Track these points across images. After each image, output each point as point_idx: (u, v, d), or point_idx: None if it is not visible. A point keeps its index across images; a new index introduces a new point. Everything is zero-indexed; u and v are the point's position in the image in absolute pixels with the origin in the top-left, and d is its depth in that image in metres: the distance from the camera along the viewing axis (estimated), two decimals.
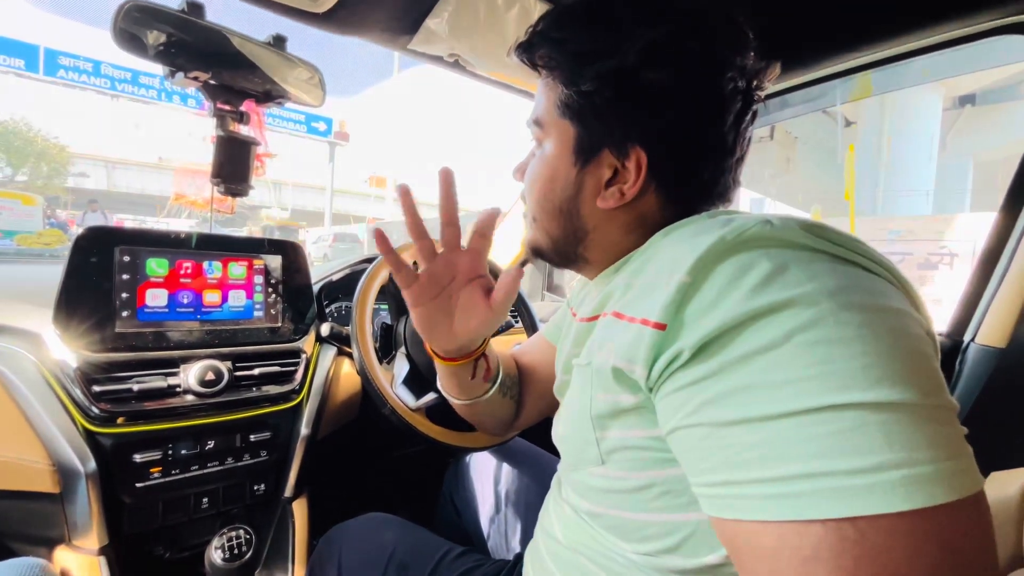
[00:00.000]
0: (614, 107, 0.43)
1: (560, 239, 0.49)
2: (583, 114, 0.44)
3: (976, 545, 0.25)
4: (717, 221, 0.36)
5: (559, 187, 0.47)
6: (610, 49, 0.42)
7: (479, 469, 0.88)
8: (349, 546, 0.68)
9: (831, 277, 0.29)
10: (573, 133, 0.45)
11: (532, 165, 0.49)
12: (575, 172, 0.46)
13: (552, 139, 0.47)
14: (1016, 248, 0.69)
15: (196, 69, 0.66)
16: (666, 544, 0.38)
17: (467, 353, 0.59)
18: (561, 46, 0.44)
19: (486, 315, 0.53)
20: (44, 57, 11.68)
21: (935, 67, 4.24)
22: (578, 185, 0.46)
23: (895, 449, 0.24)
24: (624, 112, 0.43)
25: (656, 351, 0.32)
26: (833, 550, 0.24)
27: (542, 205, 0.48)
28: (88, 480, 0.62)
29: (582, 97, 0.43)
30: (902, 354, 0.27)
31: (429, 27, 0.72)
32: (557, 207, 0.47)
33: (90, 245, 0.69)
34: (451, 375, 0.62)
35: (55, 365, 0.66)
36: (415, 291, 0.53)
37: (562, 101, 0.45)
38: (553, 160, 0.46)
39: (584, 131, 0.45)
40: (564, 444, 0.47)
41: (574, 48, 0.44)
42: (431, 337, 0.56)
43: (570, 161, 0.46)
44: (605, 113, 0.43)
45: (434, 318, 0.54)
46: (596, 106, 0.43)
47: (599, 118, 0.43)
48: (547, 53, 0.45)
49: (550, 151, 0.47)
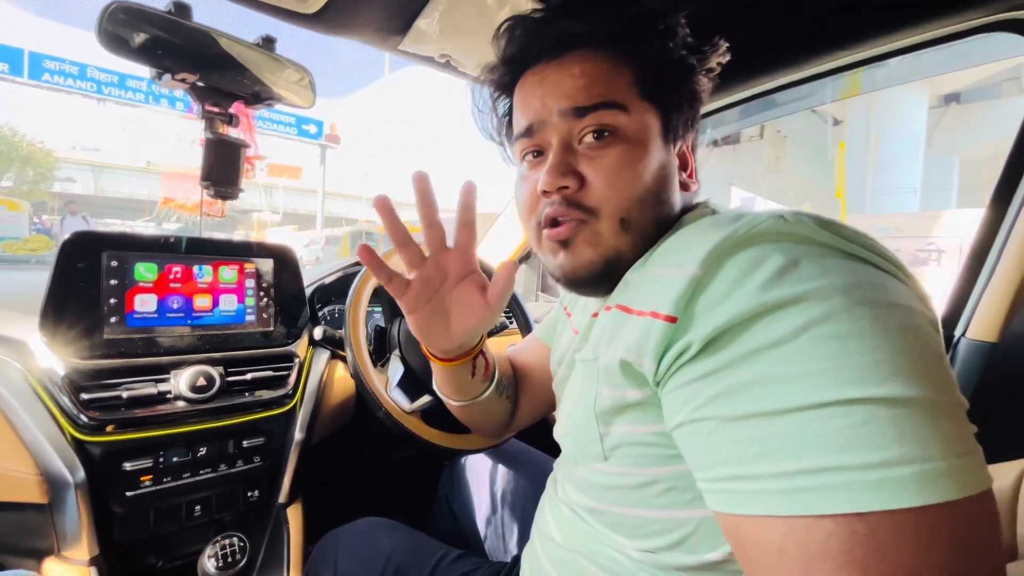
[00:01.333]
0: (687, 84, 0.45)
1: (652, 236, 0.43)
2: (661, 92, 0.44)
3: (984, 541, 0.25)
4: (728, 216, 0.36)
5: (655, 173, 0.43)
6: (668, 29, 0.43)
7: (475, 471, 0.88)
8: (345, 551, 0.67)
9: (843, 273, 0.29)
10: (656, 113, 0.44)
11: (611, 156, 0.42)
12: (665, 155, 0.44)
13: (637, 119, 0.43)
14: (1005, 243, 0.69)
15: (183, 71, 0.65)
16: (668, 540, 0.38)
17: (465, 352, 0.58)
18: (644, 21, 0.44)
19: (483, 311, 0.52)
20: (29, 61, 11.52)
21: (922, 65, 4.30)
22: (672, 168, 0.45)
23: (906, 445, 0.24)
24: (689, 93, 0.45)
25: (666, 344, 0.32)
26: (843, 545, 0.24)
27: (640, 199, 0.42)
28: (77, 490, 0.61)
29: (664, 71, 0.44)
30: (914, 350, 0.27)
31: (420, 28, 0.71)
32: (654, 196, 0.43)
33: (77, 250, 0.68)
34: (450, 376, 0.61)
35: (42, 373, 0.65)
36: (409, 298, 0.51)
37: (641, 78, 0.43)
38: (643, 144, 0.43)
39: (664, 111, 0.44)
40: (566, 440, 0.47)
41: (653, 23, 0.44)
42: (428, 340, 0.55)
43: (660, 144, 0.44)
44: (679, 91, 0.44)
45: (431, 321, 0.53)
46: (674, 81, 0.44)
47: (675, 96, 0.44)
48: (623, 27, 0.43)
49: (638, 132, 0.43)
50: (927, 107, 7.75)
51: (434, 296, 0.52)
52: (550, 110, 0.44)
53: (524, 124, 0.46)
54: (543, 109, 0.44)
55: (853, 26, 0.67)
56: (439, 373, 0.62)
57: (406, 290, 0.50)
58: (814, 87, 0.84)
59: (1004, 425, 0.64)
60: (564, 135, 0.44)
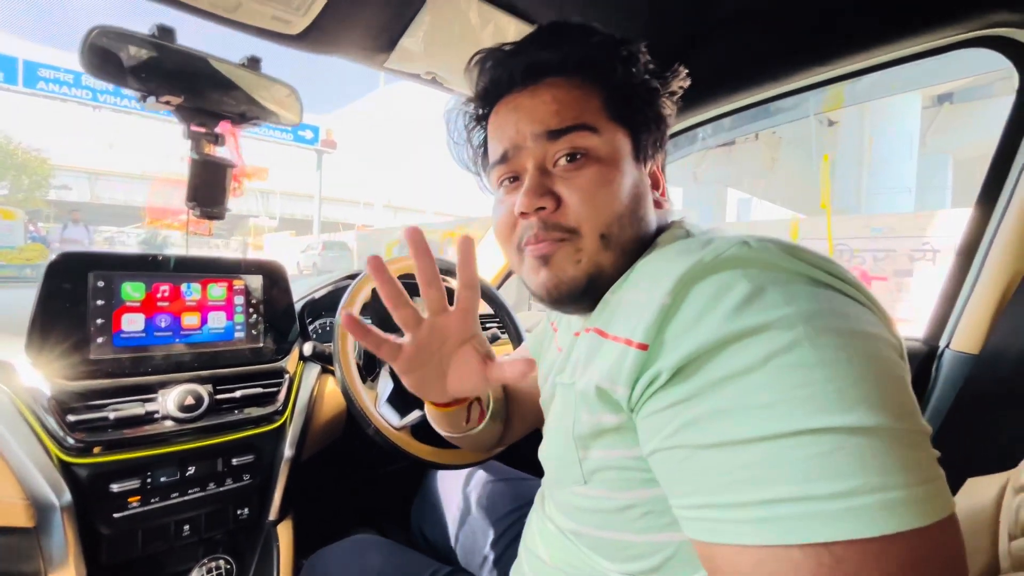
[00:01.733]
0: (651, 107, 0.46)
1: (632, 253, 0.43)
2: (628, 114, 0.45)
3: (949, 567, 0.25)
4: (697, 241, 0.36)
5: (630, 191, 0.44)
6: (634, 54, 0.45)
7: (456, 487, 0.87)
8: (335, 570, 0.67)
9: (807, 300, 0.29)
10: (626, 134, 0.45)
11: (587, 176, 0.43)
12: (638, 174, 0.45)
13: (608, 140, 0.44)
14: (988, 251, 0.70)
15: (167, 93, 0.65)
16: (648, 564, 0.38)
17: (461, 399, 0.56)
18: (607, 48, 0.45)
19: (481, 382, 0.50)
20: (23, 69, 11.52)
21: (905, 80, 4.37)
22: (645, 187, 0.46)
23: (869, 474, 0.25)
24: (655, 114, 0.46)
25: (638, 371, 0.33)
26: (811, 574, 0.25)
27: (618, 215, 0.43)
28: (64, 513, 0.61)
29: (632, 94, 0.45)
30: (877, 379, 0.27)
31: (405, 46, 0.72)
32: (631, 213, 0.44)
33: (63, 271, 0.68)
34: (443, 419, 0.59)
35: (28, 394, 0.65)
36: (402, 363, 0.47)
37: (609, 102, 0.44)
38: (616, 163, 0.43)
39: (633, 132, 0.45)
40: (548, 462, 0.47)
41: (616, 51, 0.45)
42: (424, 396, 0.53)
43: (632, 163, 0.45)
44: (646, 113, 0.46)
45: (423, 382, 0.50)
46: (640, 105, 0.45)
47: (642, 118, 0.46)
48: (590, 54, 0.44)
49: (610, 153, 0.44)
50: (920, 107, 7.80)
51: (430, 360, 0.49)
52: (524, 135, 0.44)
53: (500, 151, 0.46)
54: (517, 135, 0.45)
55: (832, 42, 0.68)
56: (433, 417, 0.60)
57: (398, 354, 0.47)
58: (799, 98, 0.85)
59: (986, 437, 0.65)
60: (539, 159, 0.44)
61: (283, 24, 0.64)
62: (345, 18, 0.65)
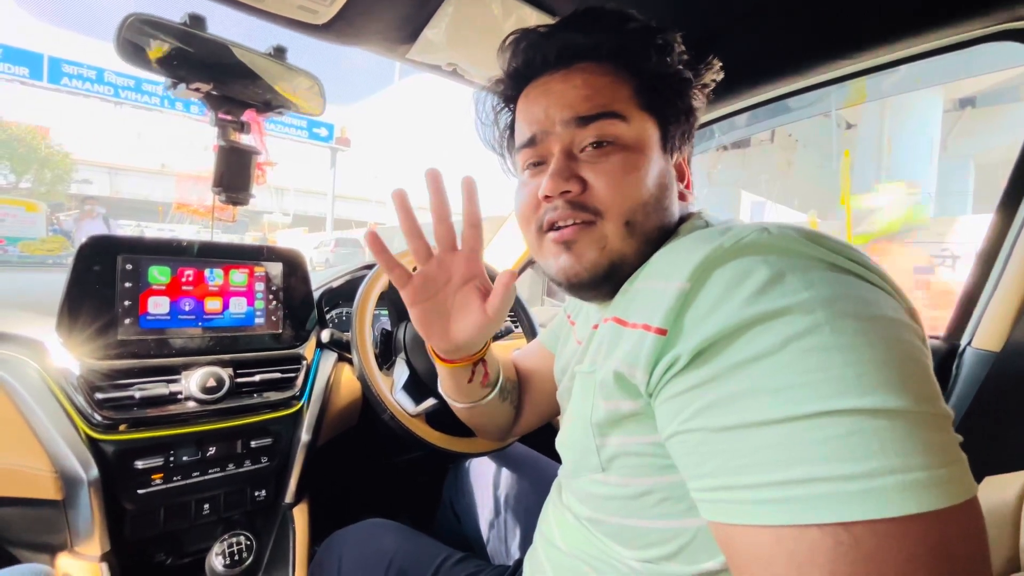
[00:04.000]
0: (682, 98, 0.46)
1: (655, 242, 0.44)
2: (668, 100, 0.45)
3: (969, 551, 0.25)
4: (716, 229, 0.36)
5: (656, 179, 0.44)
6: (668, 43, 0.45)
7: (478, 474, 0.89)
8: (349, 552, 0.68)
9: (827, 285, 0.29)
10: (655, 121, 0.45)
11: (615, 161, 0.43)
12: (664, 164, 0.45)
13: (636, 129, 0.44)
14: (1011, 252, 0.69)
15: (198, 80, 0.67)
16: (665, 551, 0.39)
17: (466, 356, 0.59)
18: (643, 36, 0.45)
19: (482, 320, 0.52)
20: (48, 65, 11.77)
21: (930, 73, 4.26)
22: (670, 177, 0.46)
23: (889, 455, 0.25)
24: (686, 105, 0.46)
25: (657, 356, 0.33)
26: (828, 555, 0.25)
27: (644, 203, 0.43)
28: (90, 487, 0.63)
29: (663, 84, 0.45)
30: (896, 362, 0.27)
31: (427, 37, 0.73)
32: (656, 201, 0.44)
33: (93, 254, 0.70)
34: (449, 377, 0.62)
35: (58, 373, 0.67)
36: (410, 291, 0.52)
37: (641, 89, 0.45)
38: (647, 151, 0.44)
39: (667, 119, 0.45)
40: (566, 450, 0.47)
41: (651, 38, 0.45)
42: (428, 336, 0.56)
43: (659, 152, 0.45)
44: (676, 104, 0.46)
45: (430, 318, 0.54)
46: (670, 95, 0.45)
47: (672, 108, 0.46)
48: (623, 41, 0.45)
49: (638, 141, 0.44)
50: (942, 111, 7.64)
51: (436, 294, 0.53)
52: (553, 120, 0.45)
53: (527, 135, 0.47)
54: (546, 119, 0.45)
55: (854, 36, 0.68)
56: (440, 372, 0.63)
57: (407, 282, 0.51)
58: (820, 94, 0.84)
59: (1007, 435, 0.64)
60: (566, 144, 0.45)
61: (309, 14, 0.65)
62: (370, 8, 0.66)
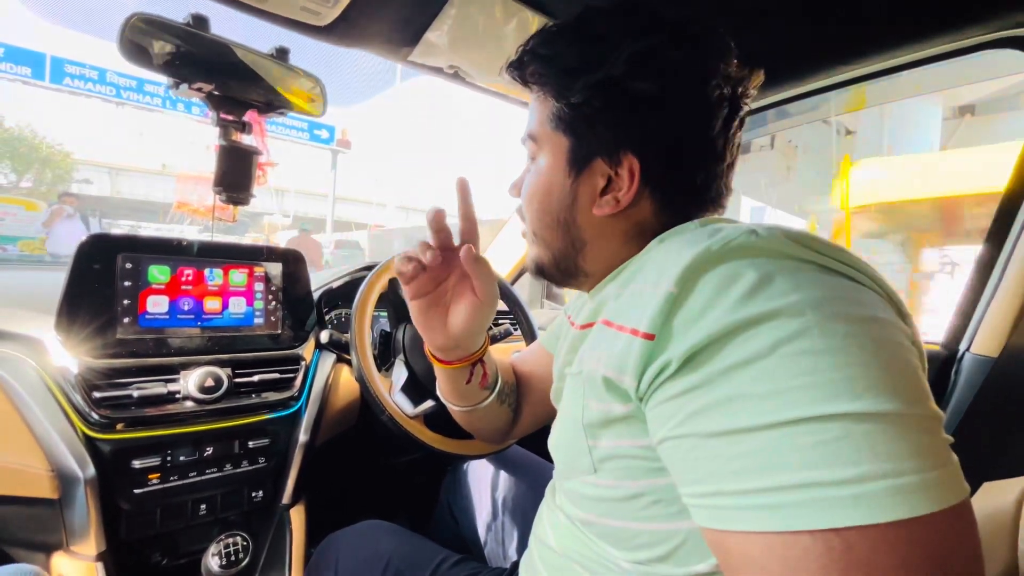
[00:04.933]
0: (603, 116, 0.44)
1: (560, 252, 0.49)
2: (574, 125, 0.45)
3: (962, 554, 0.25)
4: (706, 231, 0.36)
5: (555, 199, 0.48)
6: (597, 62, 0.43)
7: (476, 476, 0.88)
8: (346, 553, 0.68)
9: (816, 287, 0.29)
10: (566, 145, 0.46)
11: (528, 180, 0.50)
12: (570, 183, 0.47)
13: (546, 152, 0.48)
14: (1009, 258, 0.69)
15: (200, 80, 0.67)
16: (657, 553, 0.38)
17: (465, 355, 0.60)
18: (550, 62, 0.46)
19: (474, 304, 0.55)
20: (50, 65, 11.79)
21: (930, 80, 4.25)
22: (573, 195, 0.47)
23: (880, 459, 0.24)
24: (613, 121, 0.44)
25: (645, 361, 0.33)
26: (820, 561, 0.25)
27: (541, 218, 0.49)
28: (87, 486, 0.62)
29: (572, 109, 0.45)
30: (886, 364, 0.27)
31: (429, 39, 0.73)
32: (555, 219, 0.48)
33: (93, 252, 0.70)
34: (448, 379, 0.63)
35: (56, 371, 0.67)
36: (417, 284, 0.55)
37: (554, 115, 0.46)
38: (548, 172, 0.48)
39: (576, 142, 0.46)
40: (557, 452, 0.47)
41: (563, 63, 0.45)
42: (428, 332, 0.58)
43: (564, 172, 0.47)
44: (595, 123, 0.45)
45: (430, 311, 0.56)
46: (586, 116, 0.45)
47: (590, 128, 0.45)
48: (537, 70, 0.47)
49: (545, 164, 0.48)
50: (941, 119, 7.66)
51: (437, 287, 0.56)
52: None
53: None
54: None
55: (856, 42, 0.68)
56: (439, 375, 0.64)
57: (420, 273, 0.54)
58: (819, 100, 0.85)
59: (1005, 441, 0.64)
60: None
61: (312, 15, 0.66)
62: (372, 10, 0.66)
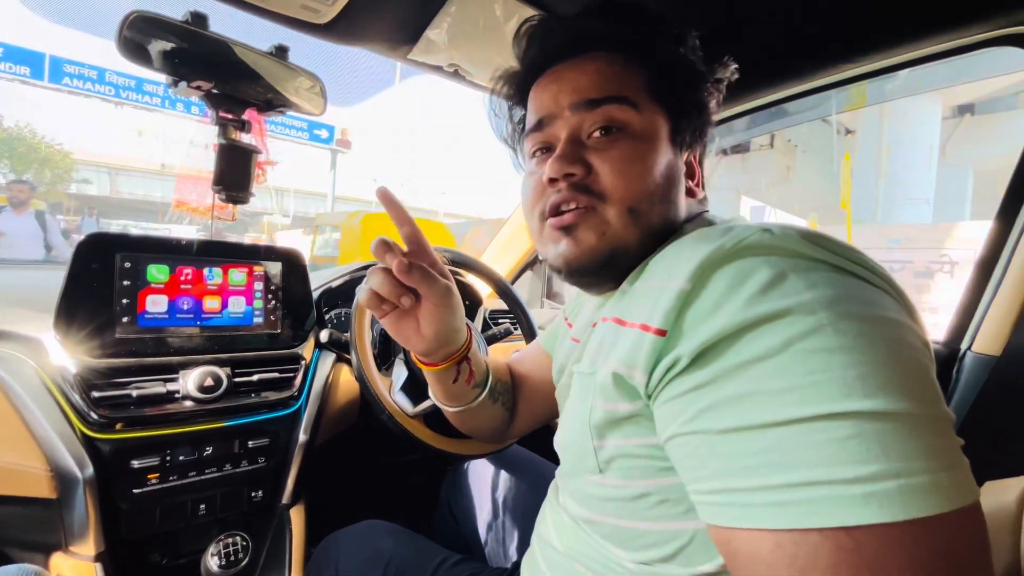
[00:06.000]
0: (697, 90, 0.45)
1: (659, 234, 0.44)
2: (680, 93, 0.45)
3: (972, 555, 0.25)
4: (718, 229, 0.36)
5: (663, 171, 0.44)
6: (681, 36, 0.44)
7: (477, 476, 0.88)
8: (346, 553, 0.68)
9: (829, 287, 0.29)
10: (665, 113, 0.45)
11: (622, 147, 0.43)
12: (673, 155, 0.45)
13: (646, 118, 0.44)
14: (1011, 256, 0.69)
15: (199, 79, 0.67)
16: (663, 553, 0.38)
17: (447, 355, 0.58)
18: (659, 26, 0.45)
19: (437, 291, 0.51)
20: (49, 64, 11.78)
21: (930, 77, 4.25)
22: (679, 171, 0.45)
23: (891, 459, 0.24)
24: (699, 97, 0.45)
25: (656, 357, 0.32)
26: (830, 559, 0.25)
27: (649, 192, 0.43)
28: (86, 486, 0.62)
29: (680, 74, 0.44)
30: (899, 364, 0.27)
31: (429, 37, 0.73)
32: (663, 192, 0.44)
33: (91, 251, 0.70)
34: (437, 381, 0.62)
35: (55, 371, 0.66)
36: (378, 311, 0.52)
37: (656, 78, 0.44)
38: (655, 141, 0.44)
39: (678, 112, 0.45)
40: (564, 451, 0.47)
41: (668, 29, 0.45)
42: (405, 341, 0.55)
43: (668, 144, 0.45)
44: (686, 103, 0.45)
45: (401, 323, 0.53)
46: (687, 85, 0.45)
47: (681, 107, 0.45)
48: (639, 30, 0.45)
49: (647, 130, 0.44)
50: (940, 118, 7.67)
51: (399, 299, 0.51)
52: (561, 105, 0.45)
53: (535, 119, 0.47)
54: (555, 104, 0.45)
55: (856, 39, 0.68)
56: (429, 379, 0.63)
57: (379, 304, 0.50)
58: (820, 98, 0.85)
59: (1007, 440, 0.64)
60: (573, 128, 0.45)
61: (312, 13, 0.65)
62: (372, 8, 0.66)
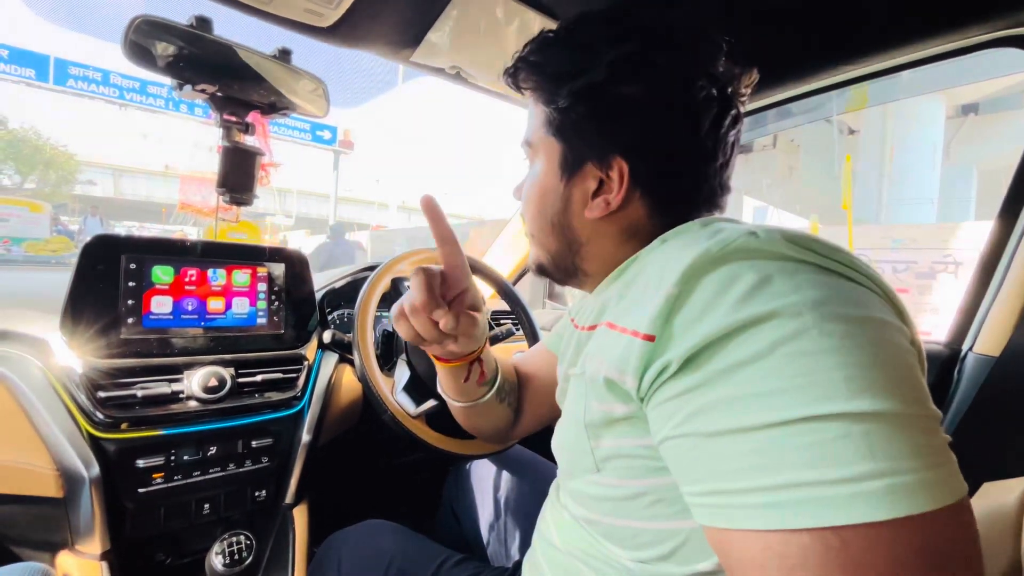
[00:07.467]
0: (589, 121, 0.45)
1: (557, 253, 0.51)
2: (564, 130, 0.47)
3: (961, 552, 0.25)
4: (705, 232, 0.37)
5: (550, 202, 0.49)
6: (582, 68, 0.45)
7: (479, 476, 0.89)
8: (348, 553, 0.68)
9: (814, 288, 0.29)
10: (558, 149, 0.48)
11: (526, 184, 0.52)
12: (562, 186, 0.48)
13: (541, 157, 0.49)
14: (1012, 257, 0.69)
15: (204, 82, 0.67)
16: (659, 551, 0.39)
17: (462, 355, 0.60)
18: (539, 69, 0.48)
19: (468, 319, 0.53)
20: (54, 67, 11.86)
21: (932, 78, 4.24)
22: (566, 198, 0.48)
23: (877, 459, 0.25)
24: (599, 125, 0.45)
25: (646, 362, 0.33)
26: (819, 559, 0.25)
27: (537, 221, 0.51)
28: (92, 485, 0.63)
29: (561, 114, 0.46)
30: (884, 364, 0.27)
31: (431, 40, 0.73)
32: (550, 221, 0.50)
33: (97, 253, 0.70)
34: (447, 376, 0.64)
35: (61, 371, 0.67)
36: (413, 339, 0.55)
37: (546, 120, 0.48)
38: (543, 177, 0.49)
39: (567, 146, 0.47)
40: (561, 452, 0.48)
41: (551, 70, 0.47)
42: (428, 349, 0.59)
43: (557, 176, 0.48)
44: (583, 128, 0.46)
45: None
46: (574, 121, 0.46)
47: (578, 133, 0.46)
48: (528, 76, 0.49)
49: (539, 168, 0.50)
50: (944, 118, 7.64)
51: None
52: None
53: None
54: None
55: (858, 41, 0.68)
56: (440, 372, 0.65)
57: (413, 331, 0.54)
58: (820, 100, 0.85)
59: (1006, 441, 0.64)
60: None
61: (315, 16, 0.66)
62: (375, 11, 0.66)
